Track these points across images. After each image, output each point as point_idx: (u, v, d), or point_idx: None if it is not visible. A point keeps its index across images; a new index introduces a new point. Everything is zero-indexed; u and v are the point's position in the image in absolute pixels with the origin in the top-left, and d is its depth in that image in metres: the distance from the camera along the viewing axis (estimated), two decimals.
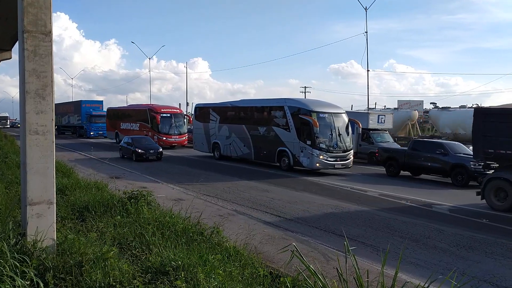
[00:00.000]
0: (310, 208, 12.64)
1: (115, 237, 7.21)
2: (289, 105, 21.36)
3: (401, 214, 12.21)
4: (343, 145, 20.51)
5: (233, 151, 25.26)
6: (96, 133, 47.79)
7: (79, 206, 9.24)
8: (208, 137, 27.36)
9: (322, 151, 19.82)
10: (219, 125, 26.39)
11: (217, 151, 26.66)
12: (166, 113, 35.26)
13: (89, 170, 16.46)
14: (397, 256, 5.39)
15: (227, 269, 5.82)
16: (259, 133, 23.14)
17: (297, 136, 20.51)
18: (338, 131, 20.39)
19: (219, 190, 15.43)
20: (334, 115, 20.67)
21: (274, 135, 22.05)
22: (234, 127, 25.17)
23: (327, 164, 19.98)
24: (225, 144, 25.85)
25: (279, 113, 21.99)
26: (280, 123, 21.77)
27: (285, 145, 21.27)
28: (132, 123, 38.36)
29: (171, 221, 7.92)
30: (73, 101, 58.84)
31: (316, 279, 4.96)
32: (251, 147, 23.76)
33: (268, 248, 8.30)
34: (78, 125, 52.47)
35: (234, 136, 24.98)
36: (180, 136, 35.30)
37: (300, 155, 20.35)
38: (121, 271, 5.43)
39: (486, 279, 7.03)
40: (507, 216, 12.18)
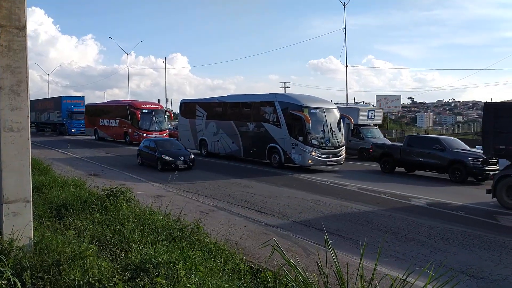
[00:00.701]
0: (290, 203, 12.70)
1: (94, 235, 7.13)
2: (279, 101, 20.81)
3: (380, 207, 12.36)
4: (335, 141, 20.03)
5: (221, 148, 24.65)
6: (77, 130, 46.52)
7: (56, 204, 9.11)
8: (195, 133, 26.69)
9: (314, 148, 19.36)
10: (206, 121, 25.80)
11: (204, 148, 26.04)
12: (146, 109, 34.87)
13: (67, 167, 16.23)
14: (376, 249, 5.45)
15: (208, 265, 5.81)
16: (248, 129, 22.54)
17: (288, 132, 19.99)
18: (330, 127, 19.96)
19: (201, 187, 15.38)
20: (326, 111, 20.23)
21: (264, 132, 21.49)
22: (222, 123, 24.52)
23: (319, 160, 19.55)
24: (212, 140, 25.22)
25: (269, 108, 21.42)
26: (271, 119, 21.19)
27: (276, 141, 20.76)
28: (111, 119, 37.81)
29: (151, 218, 7.88)
30: (53, 97, 57.08)
31: (297, 273, 4.99)
32: (240, 144, 23.16)
33: (249, 243, 8.32)
34: (58, 122, 50.96)
35: (222, 133, 24.37)
36: (161, 132, 34.78)
37: (292, 152, 19.87)
38: (100, 269, 5.38)
39: (462, 270, 7.17)
40: (483, 209, 12.44)
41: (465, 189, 15.83)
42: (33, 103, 60.22)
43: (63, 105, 49.52)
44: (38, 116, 57.01)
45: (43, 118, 55.90)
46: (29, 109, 6.13)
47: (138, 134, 33.48)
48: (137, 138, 33.46)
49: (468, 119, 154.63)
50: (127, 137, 35.29)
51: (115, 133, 37.44)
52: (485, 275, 7.09)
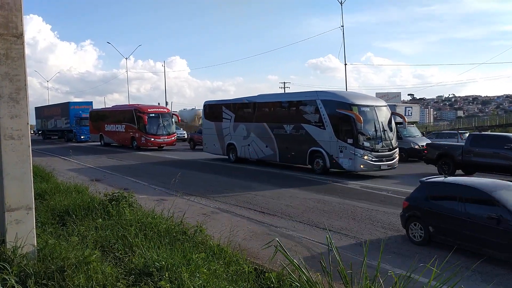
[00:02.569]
0: (293, 203, 12.70)
1: (97, 240, 7.14)
2: (322, 99, 18.49)
3: (383, 205, 12.34)
4: (388, 142, 17.78)
5: (252, 152, 22.47)
6: (86, 136, 44.96)
7: (59, 210, 9.12)
8: (222, 137, 24.49)
9: (367, 151, 17.10)
10: (234, 124, 23.62)
11: (233, 153, 23.79)
12: (153, 112, 34.13)
13: (69, 174, 16.25)
14: (380, 247, 5.45)
15: (212, 267, 5.82)
16: (285, 132, 20.32)
17: (335, 134, 17.72)
18: (382, 126, 17.68)
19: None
20: (376, 109, 17.91)
21: (304, 134, 19.22)
22: (253, 125, 22.33)
23: (372, 165, 17.29)
24: (242, 145, 23.01)
25: (309, 108, 19.19)
26: (312, 119, 18.91)
27: (319, 144, 18.49)
28: (117, 124, 37.10)
29: (154, 222, 7.88)
30: (60, 103, 55.18)
31: (300, 273, 5.00)
32: (275, 148, 20.93)
33: (252, 244, 8.32)
34: (66, 128, 49.28)
35: (254, 136, 22.19)
36: (168, 136, 34.18)
37: (339, 156, 17.60)
38: (104, 274, 5.39)
39: (467, 266, 7.15)
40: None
41: None
42: (39, 110, 59.21)
43: (70, 111, 48.24)
44: (44, 124, 55.92)
45: (50, 125, 54.61)
46: (29, 117, 6.13)
47: (146, 139, 33.07)
48: (145, 143, 33.21)
49: (468, 114, 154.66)
50: (134, 142, 34.55)
51: (121, 138, 36.69)
52: (489, 270, 7.07)
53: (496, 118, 66.62)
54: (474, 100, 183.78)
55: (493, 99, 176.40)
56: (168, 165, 23.26)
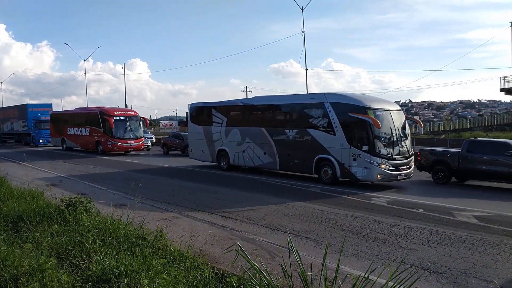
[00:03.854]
0: (255, 207, 12.71)
1: (52, 247, 6.93)
2: (332, 102, 16.92)
3: (343, 208, 12.55)
4: (405, 149, 16.39)
5: (248, 160, 20.74)
6: (46, 140, 43.10)
7: (12, 216, 8.83)
8: (211, 143, 22.72)
9: (384, 159, 15.60)
10: (226, 128, 21.85)
11: (224, 160, 22.07)
12: (120, 115, 32.90)
13: (23, 178, 15.69)
14: (340, 249, 5.53)
15: (172, 273, 5.75)
16: (287, 137, 18.68)
17: (347, 140, 16.20)
18: (399, 132, 16.27)
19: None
20: (392, 113, 16.45)
21: (310, 140, 17.66)
22: (248, 130, 20.64)
23: (390, 175, 15.78)
24: (236, 151, 21.29)
25: (316, 111, 17.52)
26: (319, 124, 17.32)
27: (328, 151, 16.93)
28: (81, 127, 35.65)
29: (112, 227, 7.72)
30: (17, 105, 52.71)
31: (261, 276, 5.00)
32: (275, 155, 19.26)
33: (213, 249, 8.27)
34: (24, 132, 47.20)
35: (249, 142, 20.49)
36: (136, 140, 32.99)
37: (352, 165, 16.08)
38: (60, 282, 5.24)
39: (423, 266, 7.36)
40: (440, 205, 12.83)
41: None
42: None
43: (29, 114, 45.98)
44: (0, 126, 53.51)
45: (6, 128, 52.03)
46: None
47: (112, 143, 31.92)
48: (111, 147, 32.01)
49: (424, 119, 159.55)
50: (99, 146, 33.28)
51: (85, 142, 35.30)
52: (444, 270, 7.29)
53: (450, 123, 68.96)
54: (430, 105, 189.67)
55: (447, 105, 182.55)
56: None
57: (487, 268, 7.39)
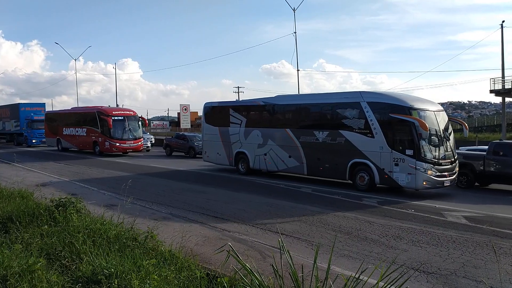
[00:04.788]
0: (246, 207, 12.71)
1: (42, 247, 6.88)
2: (369, 101, 15.54)
3: (334, 208, 12.58)
4: (450, 154, 15.11)
5: (270, 164, 19.26)
6: (39, 140, 42.30)
7: (1, 217, 8.79)
8: (228, 145, 21.24)
9: (430, 164, 14.26)
10: (245, 129, 20.40)
11: (243, 164, 20.65)
12: (118, 115, 31.95)
13: (13, 179, 15.56)
14: (330, 249, 5.55)
15: (163, 274, 5.73)
16: (317, 139, 17.25)
17: (387, 143, 14.87)
18: (444, 135, 14.99)
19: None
20: (436, 114, 15.11)
21: (343, 142, 16.25)
22: (271, 132, 19.21)
23: (436, 182, 14.42)
24: (256, 154, 19.82)
25: (351, 112, 16.22)
26: (354, 125, 15.95)
27: (365, 155, 15.58)
28: (77, 128, 34.70)
29: (103, 228, 7.68)
30: (9, 104, 51.33)
31: (253, 277, 5.00)
32: (302, 159, 17.83)
33: (204, 249, 8.26)
34: (16, 132, 46.19)
35: (272, 144, 19.05)
36: (135, 141, 32.08)
37: (394, 170, 14.74)
38: (50, 283, 5.21)
39: (413, 266, 7.40)
40: (431, 206, 12.91)
41: None
42: None
43: (21, 113, 45.00)
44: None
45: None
46: None
47: (110, 144, 31.08)
48: (109, 148, 31.22)
49: None
50: (97, 147, 32.37)
51: (82, 142, 34.36)
52: (434, 270, 7.34)
53: None
54: None
55: None
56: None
57: (477, 268, 7.45)
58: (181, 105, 44.00)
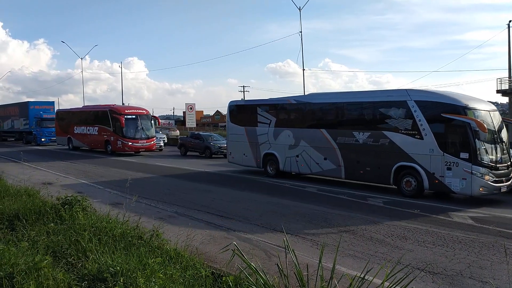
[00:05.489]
0: (251, 206, 12.72)
1: (48, 245, 6.91)
2: (417, 100, 14.37)
3: (339, 208, 12.56)
4: (506, 157, 13.89)
5: (302, 166, 18.17)
6: (48, 139, 41.87)
7: (8, 214, 8.80)
8: (255, 146, 20.15)
9: (487, 169, 13.12)
10: (275, 129, 19.30)
11: (272, 166, 19.56)
12: (131, 114, 31.33)
13: (20, 177, 15.65)
14: (336, 249, 5.54)
15: (168, 272, 5.74)
16: (356, 141, 16.07)
17: (439, 146, 13.70)
18: (500, 137, 13.79)
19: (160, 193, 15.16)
20: (491, 114, 13.91)
21: (387, 144, 15.08)
22: (304, 132, 18.07)
23: (493, 187, 13.23)
24: (287, 156, 18.70)
25: (396, 111, 15.03)
26: (400, 126, 14.77)
27: (412, 158, 14.40)
28: (89, 126, 34.10)
29: (109, 226, 7.70)
30: (18, 102, 51.16)
31: (258, 276, 5.00)
32: (339, 161, 16.65)
33: (209, 248, 8.27)
34: (25, 130, 45.90)
35: (305, 145, 17.94)
36: (148, 140, 31.49)
37: (446, 175, 13.56)
38: (56, 281, 5.23)
39: (419, 267, 7.38)
40: (437, 206, 12.86)
41: None
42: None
43: (30, 111, 44.82)
44: (0, 124, 52.51)
45: (6, 126, 50.86)
46: None
47: (122, 143, 30.53)
48: (121, 147, 30.69)
49: None
50: (109, 146, 31.76)
51: (93, 141, 33.80)
52: (440, 271, 7.31)
53: None
54: None
55: None
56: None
57: (483, 269, 7.42)
58: (187, 104, 44.18)
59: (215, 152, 29.37)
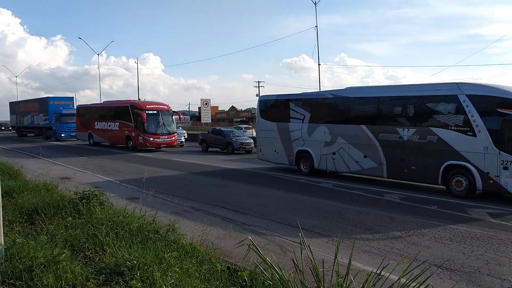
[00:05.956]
0: (267, 202, 12.72)
1: (66, 239, 7.00)
2: (470, 94, 13.38)
3: (355, 204, 12.50)
4: None
5: (340, 164, 17.25)
6: (68, 134, 42.34)
7: (27, 208, 8.93)
8: (288, 142, 19.34)
9: None
10: (309, 125, 18.41)
11: (306, 163, 18.72)
12: (152, 109, 31.09)
13: (38, 171, 15.87)
14: (351, 245, 5.51)
15: (184, 266, 5.78)
16: (400, 137, 15.10)
17: (494, 143, 12.80)
18: None
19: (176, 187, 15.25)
20: None
21: (436, 141, 14.15)
22: (342, 128, 17.14)
23: None
24: (323, 153, 17.80)
25: (445, 106, 14.10)
26: (450, 121, 13.89)
27: (463, 157, 13.51)
28: (109, 122, 34.12)
29: (125, 220, 7.77)
30: (38, 98, 51.54)
31: (273, 271, 5.01)
32: (381, 159, 15.71)
33: (225, 243, 8.30)
34: (45, 125, 46.30)
35: (343, 142, 17.01)
36: (169, 136, 31.24)
37: (502, 175, 12.68)
38: (74, 274, 5.29)
39: (436, 263, 7.32)
40: (455, 202, 12.71)
41: None
42: (14, 105, 56.29)
43: (50, 107, 45.20)
44: (20, 120, 53.08)
45: (26, 122, 51.46)
46: None
47: (144, 138, 30.32)
48: (142, 143, 30.56)
49: None
50: (130, 141, 31.66)
51: (114, 137, 33.76)
52: (458, 267, 7.23)
53: None
54: None
55: None
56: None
57: (501, 265, 7.32)
58: (202, 99, 44.04)
59: (237, 148, 29.17)
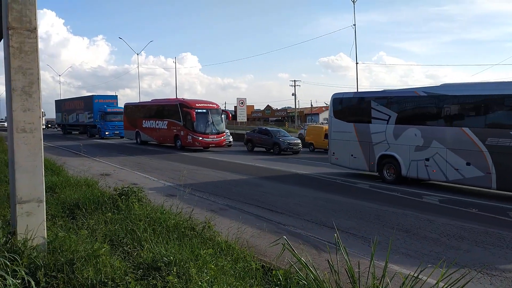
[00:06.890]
0: (302, 202, 12.67)
1: (106, 234, 7.17)
2: None
3: (392, 205, 12.28)
4: None
5: (434, 172, 15.03)
6: (112, 132, 42.77)
7: (69, 203, 9.18)
8: (368, 146, 17.31)
9: None
10: (395, 126, 16.32)
11: (390, 170, 16.64)
12: (201, 108, 30.46)
13: (80, 168, 16.37)
14: (388, 247, 5.43)
15: (219, 263, 5.83)
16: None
17: None
18: None
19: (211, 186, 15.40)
20: None
21: None
22: (438, 131, 15.02)
23: None
24: (413, 159, 15.67)
25: None
26: None
27: None
28: (158, 120, 33.73)
29: (163, 217, 7.90)
30: (83, 96, 52.24)
31: (308, 271, 4.99)
32: (488, 167, 13.51)
33: (259, 241, 8.32)
34: (89, 123, 46.85)
35: (439, 147, 14.87)
36: (218, 135, 30.69)
37: None
38: (113, 268, 5.42)
39: (475, 268, 7.11)
40: (496, 206, 12.31)
41: None
42: (60, 104, 57.61)
43: (94, 105, 45.76)
44: (65, 118, 54.11)
45: (71, 120, 52.24)
46: (41, 110, 6.16)
47: (193, 138, 29.79)
48: (191, 142, 30.05)
49: None
50: (178, 141, 31.20)
51: (162, 136, 33.39)
52: (498, 273, 7.01)
53: None
54: None
55: None
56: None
57: None
58: (238, 98, 44.33)
59: (284, 149, 28.70)
